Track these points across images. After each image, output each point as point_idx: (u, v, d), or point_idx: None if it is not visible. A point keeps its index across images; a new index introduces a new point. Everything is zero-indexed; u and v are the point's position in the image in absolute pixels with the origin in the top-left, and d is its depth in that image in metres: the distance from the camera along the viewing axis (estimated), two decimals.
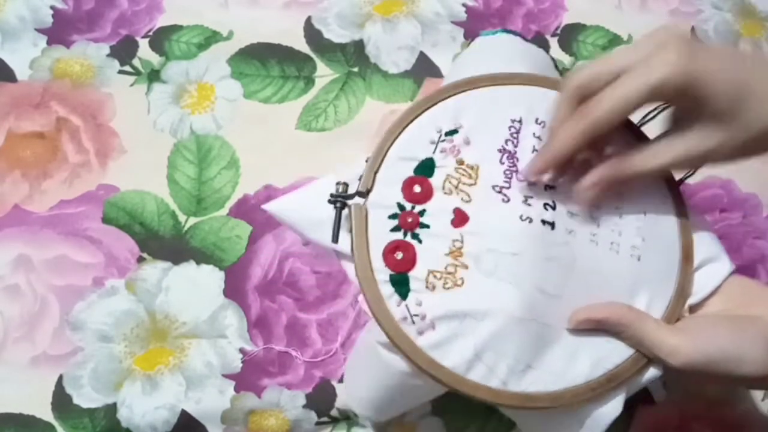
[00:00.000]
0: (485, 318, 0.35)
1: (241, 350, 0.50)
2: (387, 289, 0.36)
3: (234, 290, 0.51)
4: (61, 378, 0.48)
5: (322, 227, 0.38)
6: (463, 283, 0.36)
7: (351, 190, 0.38)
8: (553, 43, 0.63)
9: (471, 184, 0.38)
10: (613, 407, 0.37)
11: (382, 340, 0.37)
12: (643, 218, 0.39)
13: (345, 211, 0.38)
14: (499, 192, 0.38)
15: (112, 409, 0.48)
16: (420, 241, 0.37)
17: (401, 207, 0.38)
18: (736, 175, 0.58)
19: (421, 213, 0.37)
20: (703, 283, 0.39)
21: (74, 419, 0.47)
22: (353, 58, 0.61)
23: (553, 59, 0.52)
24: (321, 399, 0.49)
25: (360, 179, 0.38)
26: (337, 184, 0.38)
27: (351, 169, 0.39)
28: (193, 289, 0.51)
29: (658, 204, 0.40)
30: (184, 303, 0.51)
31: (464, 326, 0.35)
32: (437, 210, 0.37)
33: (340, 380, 0.49)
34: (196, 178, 0.55)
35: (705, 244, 0.40)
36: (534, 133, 0.40)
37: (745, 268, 0.56)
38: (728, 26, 0.66)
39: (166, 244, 0.52)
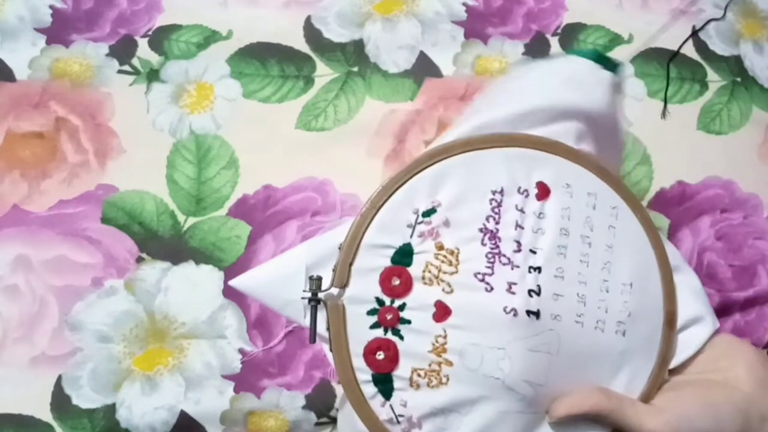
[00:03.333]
0: (470, 412, 0.35)
1: (241, 351, 0.50)
2: (370, 390, 0.35)
3: (233, 290, 0.51)
4: (60, 378, 0.48)
5: (294, 306, 0.37)
6: (447, 380, 0.35)
7: (324, 281, 0.36)
8: (554, 42, 0.63)
9: (452, 272, 0.36)
10: None
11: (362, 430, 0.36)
12: (629, 290, 0.38)
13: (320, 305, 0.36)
14: (482, 280, 0.36)
15: (111, 409, 0.47)
16: (402, 338, 0.35)
17: (380, 302, 0.36)
18: (737, 176, 0.58)
19: (401, 307, 0.36)
20: (686, 343, 0.39)
21: (73, 420, 0.47)
22: (353, 57, 0.61)
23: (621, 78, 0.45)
24: (320, 400, 0.49)
25: (333, 270, 0.36)
26: (310, 278, 0.36)
27: (323, 244, 0.37)
28: (192, 290, 0.51)
29: (645, 271, 0.39)
30: (184, 303, 0.51)
31: (449, 421, 0.35)
32: (418, 304, 0.36)
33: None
34: (195, 178, 0.55)
35: (689, 302, 0.39)
36: (516, 206, 0.37)
37: (745, 269, 0.56)
38: (729, 26, 0.66)
39: (165, 244, 0.52)
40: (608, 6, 0.66)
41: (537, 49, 0.62)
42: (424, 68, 0.60)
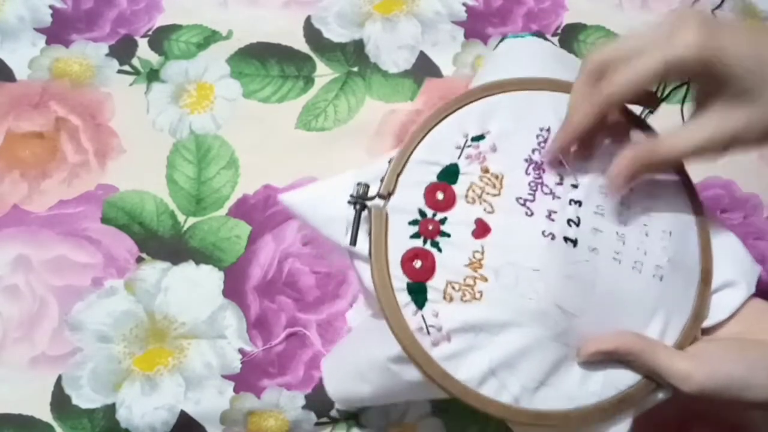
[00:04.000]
0: (502, 333, 0.35)
1: (241, 351, 0.50)
2: (403, 298, 0.35)
3: (233, 290, 0.51)
4: (60, 378, 0.48)
5: (336, 224, 0.38)
6: (481, 296, 0.35)
7: (371, 192, 0.37)
8: (554, 42, 0.63)
9: (495, 195, 0.37)
10: (621, 427, 0.36)
11: (391, 354, 0.36)
12: (668, 238, 0.38)
13: (364, 213, 0.37)
14: (523, 204, 0.37)
15: (111, 409, 0.47)
16: (440, 250, 0.36)
17: (422, 213, 0.37)
18: (737, 176, 0.58)
19: (443, 221, 0.36)
20: (719, 306, 0.38)
21: (73, 420, 0.47)
22: (353, 57, 0.61)
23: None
24: (320, 400, 0.49)
25: (381, 180, 0.37)
26: (358, 184, 0.37)
27: (372, 168, 0.38)
28: (192, 290, 0.51)
29: (683, 224, 0.39)
30: (184, 303, 0.51)
31: (480, 340, 0.35)
32: (459, 219, 0.36)
33: None
34: (195, 178, 0.55)
35: (725, 266, 0.39)
36: None
37: None
38: None
39: (165, 244, 0.52)
40: (608, 6, 0.66)
41: None
42: (424, 68, 0.60)
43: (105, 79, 0.58)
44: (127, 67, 0.58)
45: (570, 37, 0.64)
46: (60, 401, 0.48)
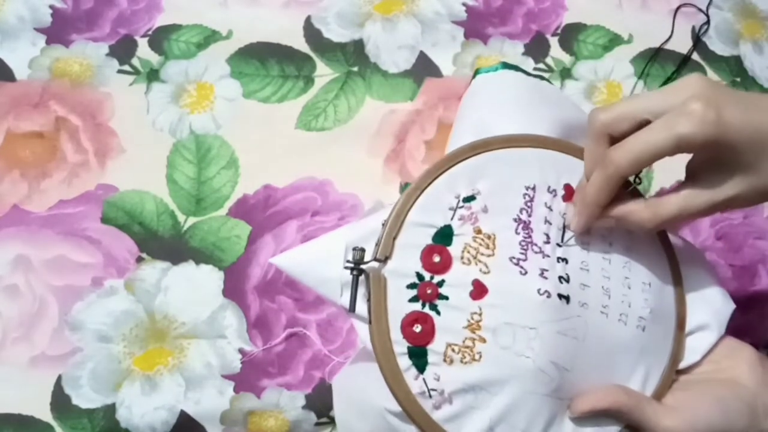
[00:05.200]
0: (501, 392, 0.36)
1: (241, 351, 0.50)
2: (405, 362, 0.36)
3: (233, 290, 0.51)
4: (60, 378, 0.48)
5: (331, 284, 0.38)
6: (480, 357, 0.36)
7: (366, 255, 0.37)
8: (554, 42, 0.63)
9: (489, 255, 0.37)
10: None
11: (391, 408, 0.37)
12: (648, 289, 0.39)
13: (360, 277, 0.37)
14: (517, 264, 0.37)
15: (111, 409, 0.47)
16: (439, 313, 0.36)
17: (420, 277, 0.37)
18: None
19: (440, 284, 0.37)
20: (692, 349, 0.40)
21: (73, 420, 0.47)
22: (353, 57, 0.61)
23: (554, 85, 0.52)
24: (320, 400, 0.49)
25: (377, 244, 0.37)
26: (354, 249, 0.37)
27: (362, 227, 0.39)
28: (192, 290, 0.51)
29: (660, 273, 0.40)
30: (184, 303, 0.51)
31: (480, 399, 0.36)
32: (456, 281, 0.37)
33: None
34: (195, 178, 0.55)
35: (698, 309, 0.41)
36: (545, 203, 0.39)
37: (745, 269, 0.56)
38: (729, 26, 0.66)
39: (165, 244, 0.52)
40: (608, 6, 0.66)
41: (537, 49, 0.63)
42: (424, 68, 0.60)
43: (105, 79, 0.58)
44: (127, 67, 0.58)
45: (570, 37, 0.64)
46: (60, 401, 0.48)
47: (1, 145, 0.55)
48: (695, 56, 0.64)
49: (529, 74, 0.48)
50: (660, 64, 0.63)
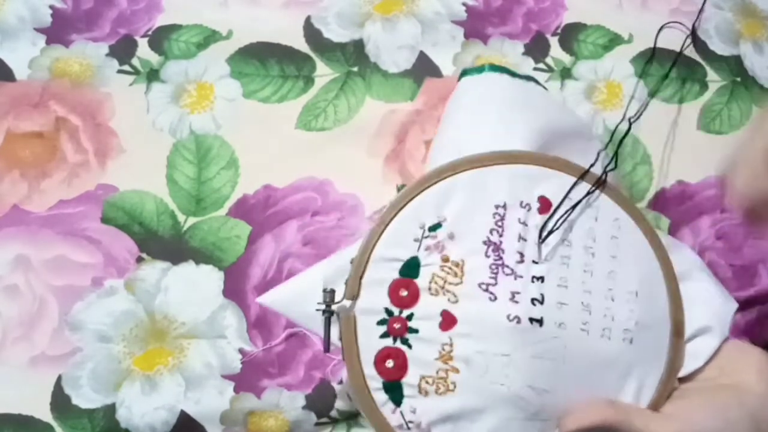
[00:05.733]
0: (479, 419, 0.36)
1: (241, 351, 0.50)
2: (381, 397, 0.37)
3: (233, 290, 0.51)
4: (59, 378, 0.48)
5: (314, 319, 0.39)
6: (455, 387, 0.36)
7: (337, 294, 0.38)
8: (554, 42, 0.63)
9: (457, 283, 0.37)
10: None
11: None
12: (634, 299, 0.39)
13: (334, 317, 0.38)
14: (486, 290, 0.37)
15: (111, 409, 0.47)
16: (410, 347, 0.37)
17: (389, 312, 0.37)
18: None
19: (409, 317, 0.37)
20: (694, 354, 0.39)
21: (73, 420, 0.47)
22: (353, 57, 0.61)
23: (543, 86, 0.50)
24: (320, 400, 0.49)
25: (346, 283, 0.38)
26: (324, 291, 0.38)
27: (338, 262, 0.39)
28: (192, 290, 0.51)
29: (649, 281, 0.40)
30: (184, 303, 0.51)
31: (459, 428, 0.36)
32: (425, 314, 0.37)
33: (340, 382, 0.49)
34: (195, 178, 0.55)
35: (698, 312, 0.39)
36: (519, 219, 0.39)
37: (745, 269, 0.56)
38: (729, 26, 0.66)
39: (165, 244, 0.52)
40: (608, 6, 0.66)
41: (537, 49, 0.62)
42: (424, 68, 0.60)
43: (105, 79, 0.58)
44: (127, 67, 0.58)
45: (570, 36, 0.64)
46: (60, 401, 0.48)
47: (1, 145, 0.55)
48: (695, 56, 0.64)
49: (516, 75, 0.48)
50: (660, 63, 0.63)
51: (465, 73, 0.49)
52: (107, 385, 0.48)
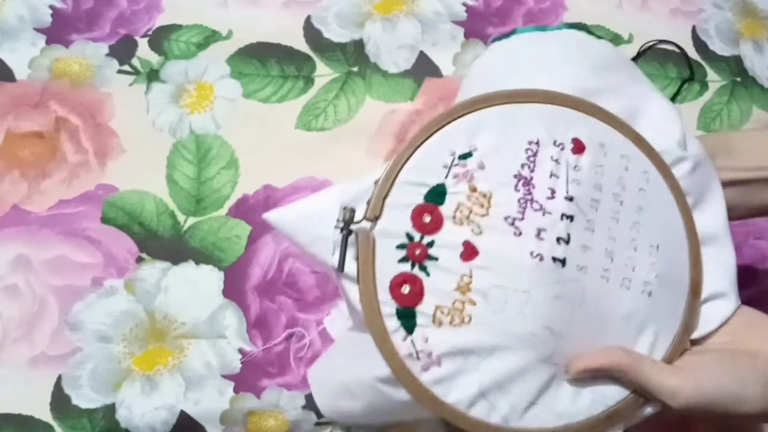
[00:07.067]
0: (491, 356, 0.35)
1: (241, 351, 0.50)
2: (393, 323, 0.35)
3: (233, 290, 0.51)
4: (59, 378, 0.48)
5: (322, 243, 0.37)
6: (470, 320, 0.35)
7: (357, 215, 0.36)
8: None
9: (483, 215, 0.36)
10: None
11: (380, 375, 0.36)
12: (656, 252, 0.38)
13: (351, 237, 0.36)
14: (512, 224, 0.36)
15: (110, 409, 0.47)
16: (428, 274, 0.36)
17: (410, 237, 0.36)
18: None
19: (430, 244, 0.36)
20: (708, 317, 0.38)
21: (73, 419, 0.47)
22: (353, 57, 0.61)
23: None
24: None
25: (368, 203, 0.37)
26: (344, 209, 0.36)
27: (357, 185, 0.38)
28: (192, 290, 0.51)
29: (672, 237, 0.39)
30: (183, 303, 0.51)
31: (469, 363, 0.35)
32: (447, 242, 0.36)
33: None
34: (195, 178, 0.55)
35: (715, 276, 0.39)
36: (552, 156, 0.38)
37: (745, 268, 0.56)
38: (729, 25, 0.66)
39: (165, 244, 0.52)
40: (608, 6, 0.66)
41: None
42: (424, 68, 0.60)
43: (105, 79, 0.58)
44: (127, 67, 0.58)
45: None
46: (60, 401, 0.48)
47: (1, 145, 0.55)
48: (695, 56, 0.64)
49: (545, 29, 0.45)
50: (660, 63, 0.63)
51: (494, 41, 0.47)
52: (107, 385, 0.48)
